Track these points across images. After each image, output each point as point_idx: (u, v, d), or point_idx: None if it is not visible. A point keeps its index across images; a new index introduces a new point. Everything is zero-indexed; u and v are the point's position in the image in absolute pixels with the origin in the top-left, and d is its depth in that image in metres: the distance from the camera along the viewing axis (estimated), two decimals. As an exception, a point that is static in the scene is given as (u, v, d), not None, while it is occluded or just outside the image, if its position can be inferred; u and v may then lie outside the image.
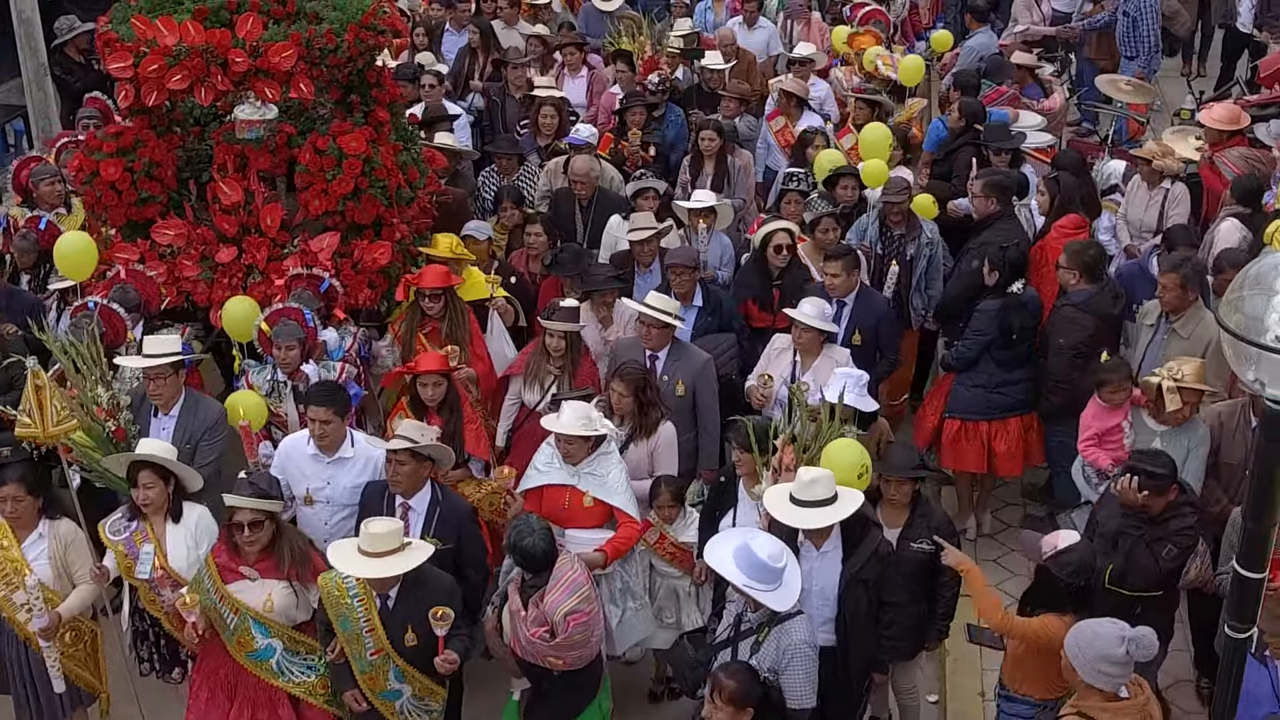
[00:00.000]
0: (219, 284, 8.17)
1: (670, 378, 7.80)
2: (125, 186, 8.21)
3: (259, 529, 6.19)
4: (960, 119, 10.80)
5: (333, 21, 8.15)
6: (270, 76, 7.93)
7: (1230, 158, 9.68)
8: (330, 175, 8.09)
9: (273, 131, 8.26)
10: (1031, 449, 8.63)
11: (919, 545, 6.54)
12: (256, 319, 7.76)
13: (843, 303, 8.31)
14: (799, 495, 6.08)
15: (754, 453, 6.66)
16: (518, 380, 8.08)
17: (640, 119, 10.82)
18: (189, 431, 7.20)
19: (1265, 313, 3.76)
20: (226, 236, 8.25)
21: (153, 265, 8.21)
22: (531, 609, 6.12)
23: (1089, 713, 5.27)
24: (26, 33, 13.37)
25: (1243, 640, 4.39)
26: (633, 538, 6.91)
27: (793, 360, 7.81)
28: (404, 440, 6.53)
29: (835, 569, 6.20)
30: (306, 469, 6.97)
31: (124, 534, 6.54)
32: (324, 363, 7.77)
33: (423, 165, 9.02)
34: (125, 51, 7.89)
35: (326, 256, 8.12)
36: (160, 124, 8.47)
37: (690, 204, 9.34)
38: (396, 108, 9.08)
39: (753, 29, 13.47)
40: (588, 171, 9.76)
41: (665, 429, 7.32)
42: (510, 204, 9.61)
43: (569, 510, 6.86)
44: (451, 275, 8.11)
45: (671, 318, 7.81)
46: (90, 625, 6.79)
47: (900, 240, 9.19)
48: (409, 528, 6.49)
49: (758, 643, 5.83)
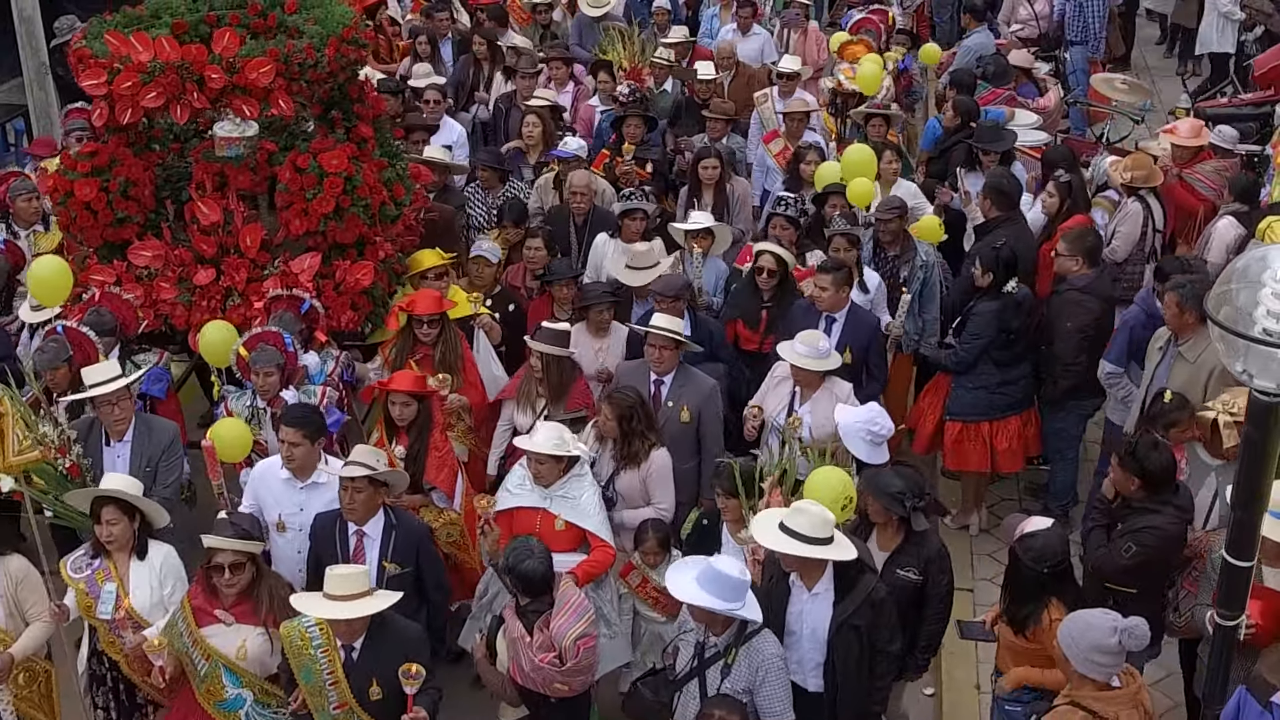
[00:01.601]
0: (197, 306, 7.93)
1: (675, 403, 7.56)
2: (101, 207, 7.96)
3: (240, 571, 5.97)
4: (955, 117, 10.80)
5: (312, 36, 7.92)
6: (248, 93, 7.70)
7: (1203, 172, 9.63)
8: (311, 194, 7.85)
9: (253, 149, 8.02)
10: (1030, 443, 8.68)
11: (905, 573, 6.29)
12: (234, 344, 7.54)
13: (832, 318, 8.09)
14: (790, 523, 5.80)
15: (740, 497, 6.43)
16: (510, 404, 7.88)
17: (636, 132, 10.51)
18: (146, 455, 6.99)
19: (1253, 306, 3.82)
20: (205, 258, 8.00)
21: (129, 288, 7.97)
22: (537, 634, 5.92)
23: (1082, 702, 5.30)
24: (27, 31, 13.27)
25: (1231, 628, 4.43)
26: (605, 562, 6.77)
27: (792, 390, 7.55)
28: (360, 467, 6.33)
29: (826, 612, 5.92)
30: (279, 494, 6.80)
31: (86, 571, 6.30)
32: (305, 388, 7.54)
33: (408, 181, 8.78)
34: (98, 68, 7.66)
35: (308, 278, 7.88)
36: (138, 142, 8.24)
37: (686, 225, 9.05)
38: (381, 122, 8.85)
39: (747, 36, 13.24)
40: (587, 184, 9.49)
41: (658, 456, 7.11)
42: (510, 222, 9.31)
43: (540, 533, 6.65)
44: (445, 301, 7.88)
45: (682, 336, 7.59)
46: (45, 665, 6.54)
47: (894, 261, 8.97)
48: (364, 554, 6.33)
49: (727, 665, 5.70)
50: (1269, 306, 3.83)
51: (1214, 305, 3.94)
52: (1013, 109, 11.31)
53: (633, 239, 9.02)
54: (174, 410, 8.02)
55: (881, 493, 6.28)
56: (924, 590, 6.31)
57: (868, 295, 8.58)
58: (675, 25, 13.40)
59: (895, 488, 6.29)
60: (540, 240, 8.94)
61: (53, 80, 13.24)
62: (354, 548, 6.43)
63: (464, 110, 12.13)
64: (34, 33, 13.26)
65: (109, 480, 6.44)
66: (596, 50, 12.55)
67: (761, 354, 8.32)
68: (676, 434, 7.43)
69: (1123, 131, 13.03)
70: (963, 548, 8.70)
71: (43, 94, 13.41)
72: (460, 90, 12.32)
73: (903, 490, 6.28)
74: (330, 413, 7.52)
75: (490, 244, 8.94)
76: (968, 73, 11.82)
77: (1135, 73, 15.48)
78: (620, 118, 10.67)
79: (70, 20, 12.67)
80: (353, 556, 6.38)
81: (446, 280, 8.41)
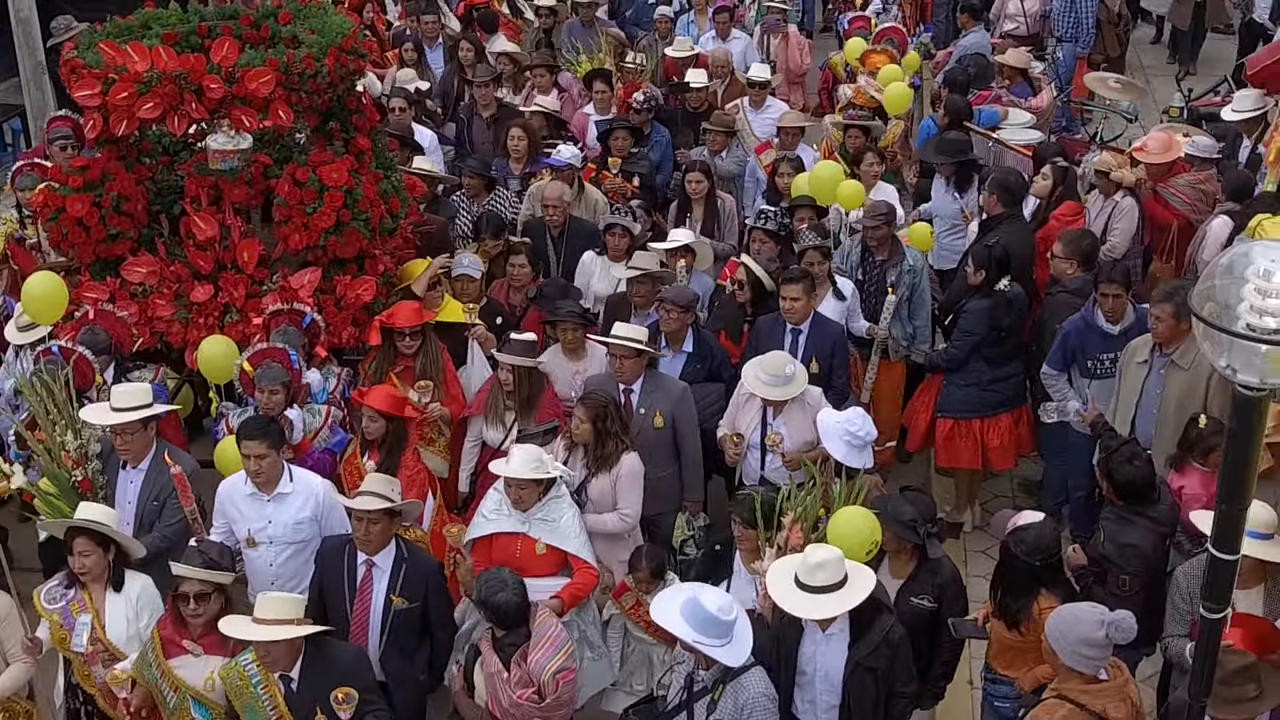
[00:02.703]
0: (194, 324, 7.75)
1: (647, 410, 7.42)
2: (93, 222, 7.77)
3: (205, 601, 5.80)
4: (945, 116, 10.87)
5: (311, 45, 7.75)
6: (248, 103, 7.52)
7: (1177, 186, 9.56)
8: (311, 208, 7.68)
9: (248, 162, 7.85)
10: (1022, 439, 8.70)
11: (919, 600, 6.17)
12: (237, 359, 7.35)
13: (798, 330, 7.96)
14: (806, 580, 5.58)
15: (759, 529, 6.26)
16: (478, 420, 7.72)
17: (624, 145, 10.33)
18: (157, 486, 6.78)
19: (1236, 301, 3.87)
20: (201, 274, 7.82)
21: (123, 305, 7.78)
22: (514, 669, 5.78)
23: (1069, 695, 5.32)
24: (24, 32, 13.20)
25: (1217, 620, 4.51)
26: (589, 584, 6.62)
27: (762, 406, 7.40)
28: (376, 499, 6.15)
29: (841, 653, 5.73)
30: (245, 510, 6.65)
31: (60, 602, 6.12)
32: (308, 406, 7.36)
33: (404, 194, 8.62)
34: (92, 78, 7.45)
35: (308, 293, 7.71)
36: (129, 155, 8.05)
37: (665, 245, 8.87)
38: (377, 134, 8.68)
39: (727, 41, 13.10)
40: (558, 197, 9.25)
41: (628, 460, 6.97)
42: (489, 235, 9.09)
43: (520, 559, 6.51)
44: (425, 311, 7.70)
45: (642, 344, 7.42)
46: (25, 705, 6.33)
47: (881, 266, 8.87)
48: (372, 585, 6.19)
49: (713, 702, 5.58)
50: (1252, 301, 3.86)
51: (1198, 301, 3.97)
52: (1006, 108, 11.34)
53: (618, 256, 8.86)
54: (174, 427, 7.77)
55: (894, 520, 6.14)
56: (938, 617, 6.20)
57: (844, 303, 8.47)
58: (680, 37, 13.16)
59: (908, 515, 6.17)
60: (524, 257, 8.77)
61: (49, 81, 13.14)
62: (362, 578, 6.25)
63: (451, 120, 11.95)
64: (31, 33, 13.21)
65: (83, 509, 6.22)
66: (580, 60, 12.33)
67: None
68: (652, 441, 7.28)
69: (1116, 130, 13.06)
70: (956, 545, 8.73)
71: (39, 94, 13.36)
72: (446, 99, 12.14)
73: (915, 518, 6.17)
74: (335, 432, 7.37)
75: (471, 258, 8.73)
76: (959, 72, 11.88)
77: (1130, 72, 15.47)
78: (607, 131, 10.50)
79: (66, 20, 12.54)
80: (359, 587, 6.22)
81: (440, 290, 8.24)
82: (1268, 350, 3.85)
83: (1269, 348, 3.85)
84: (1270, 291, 3.85)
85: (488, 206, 9.76)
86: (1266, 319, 3.85)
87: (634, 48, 12.50)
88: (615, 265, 8.86)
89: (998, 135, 10.98)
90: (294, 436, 7.14)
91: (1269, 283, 3.85)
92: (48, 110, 12.90)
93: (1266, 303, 3.85)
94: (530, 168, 10.20)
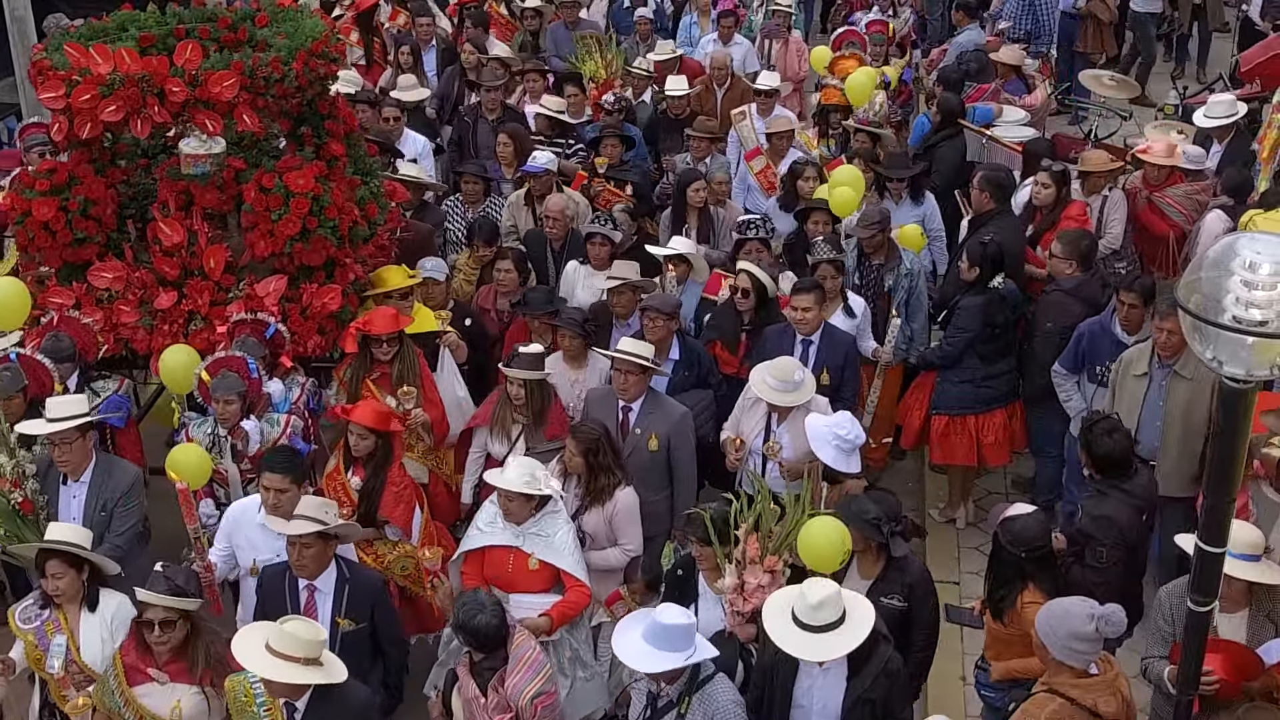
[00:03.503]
0: (159, 331, 7.62)
1: (643, 431, 7.26)
2: (60, 227, 7.65)
3: (170, 629, 5.64)
4: (938, 115, 10.87)
5: (280, 49, 7.61)
6: (211, 107, 7.38)
7: (1174, 197, 9.52)
8: (276, 215, 7.53)
9: (220, 166, 7.70)
10: (1016, 435, 8.69)
11: (890, 601, 6.07)
12: (196, 368, 7.22)
13: (809, 341, 7.82)
14: (807, 619, 5.41)
15: (714, 546, 6.10)
16: (483, 432, 7.55)
17: (614, 153, 10.15)
18: (103, 498, 6.66)
19: (1222, 293, 3.92)
20: (167, 280, 7.69)
21: (89, 311, 7.66)
22: (491, 694, 5.61)
23: (1060, 689, 5.32)
24: (19, 30, 13.25)
25: (1205, 613, 4.61)
26: (581, 603, 6.48)
27: (767, 412, 7.26)
28: (308, 522, 5.97)
29: (839, 686, 5.58)
30: (256, 539, 6.48)
31: (35, 622, 5.98)
32: (268, 416, 7.22)
33: (383, 200, 8.47)
34: (57, 80, 7.35)
35: (273, 301, 7.57)
36: (101, 158, 7.94)
37: (664, 250, 8.73)
38: (354, 138, 8.53)
39: (728, 45, 12.90)
40: (561, 210, 9.10)
41: (623, 496, 6.81)
42: (481, 241, 8.95)
43: (513, 573, 6.39)
44: (401, 318, 7.56)
45: (649, 361, 7.27)
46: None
47: (879, 270, 8.78)
48: (316, 610, 6.00)
49: (680, 715, 5.52)
50: (1238, 294, 3.91)
51: (1184, 294, 4.03)
52: (1000, 105, 11.37)
53: (601, 264, 8.68)
54: (134, 439, 7.72)
55: (857, 519, 6.06)
56: (909, 616, 6.13)
57: (854, 320, 8.32)
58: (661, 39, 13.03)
59: (870, 514, 6.12)
60: (511, 262, 8.62)
61: (46, 80, 13.17)
62: (305, 603, 6.08)
63: (448, 124, 11.80)
64: (26, 32, 13.25)
65: (54, 530, 6.09)
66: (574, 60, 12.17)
67: (741, 378, 8.01)
68: (645, 464, 7.13)
69: (1111, 128, 13.16)
70: (949, 541, 8.77)
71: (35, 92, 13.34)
72: (445, 103, 11.99)
73: (878, 516, 6.12)
74: (295, 443, 7.20)
75: (435, 261, 8.59)
76: (953, 69, 11.89)
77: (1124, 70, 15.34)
78: (597, 139, 10.31)
79: (59, 18, 12.43)
80: (304, 612, 6.03)
81: (411, 299, 8.09)
82: (1254, 342, 3.91)
83: (1255, 340, 3.90)
84: (1256, 283, 3.89)
85: (484, 212, 9.61)
86: (1252, 311, 3.89)
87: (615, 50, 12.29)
88: (597, 275, 8.68)
89: (991, 132, 10.97)
90: (250, 447, 7.01)
91: (1255, 274, 3.90)
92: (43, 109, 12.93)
93: (1252, 295, 3.89)
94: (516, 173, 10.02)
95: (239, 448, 6.98)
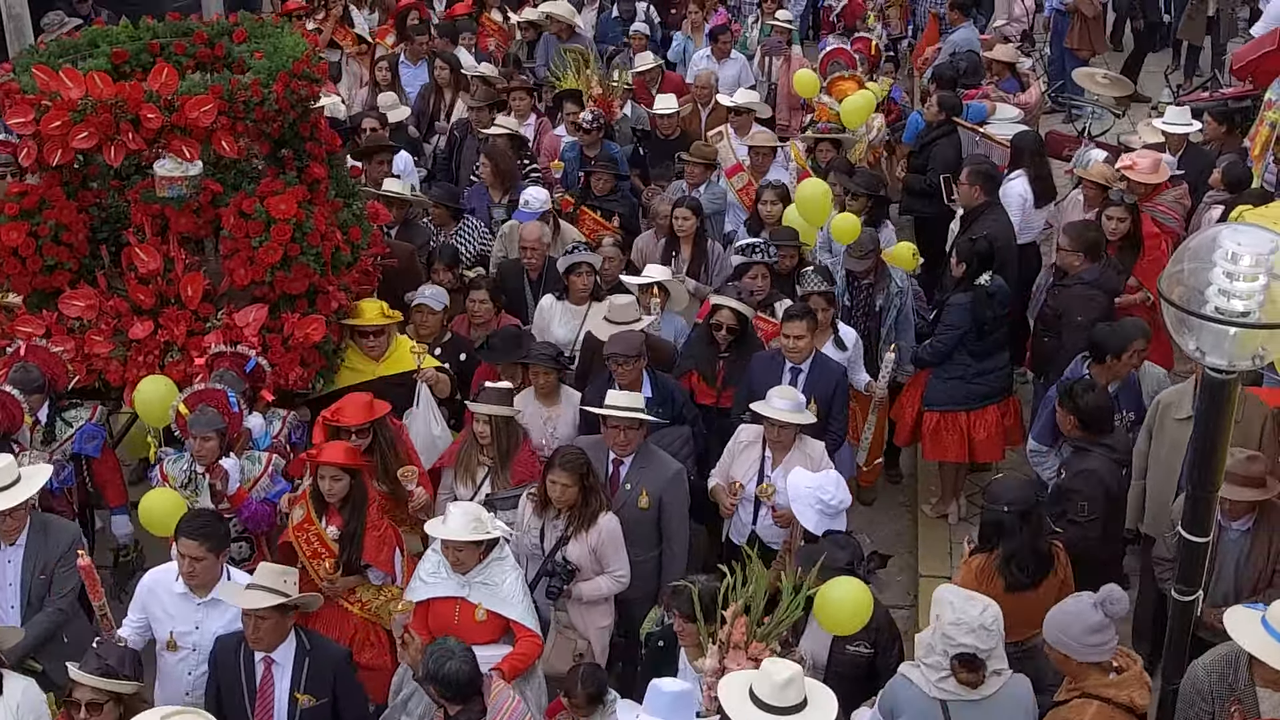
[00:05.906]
0: (133, 362, 7.32)
1: (634, 486, 6.87)
2: (29, 253, 7.37)
3: (98, 712, 5.25)
4: (940, 113, 10.85)
5: (259, 71, 7.33)
6: (188, 133, 7.09)
7: (1164, 203, 9.52)
8: (257, 241, 7.25)
9: (196, 189, 7.39)
10: (1009, 432, 8.69)
11: (855, 648, 5.93)
12: (174, 400, 6.93)
13: (798, 369, 7.61)
14: (770, 700, 5.00)
15: (699, 623, 5.72)
16: (449, 473, 7.21)
17: (605, 187, 9.85)
18: (40, 561, 6.25)
19: (1205, 284, 3.99)
20: (142, 309, 7.41)
21: (59, 340, 7.36)
22: None
23: (1093, 691, 5.28)
24: (16, 28, 13.09)
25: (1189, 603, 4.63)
26: (533, 654, 6.22)
27: (761, 455, 7.02)
28: (266, 594, 5.59)
29: None
30: (172, 609, 6.02)
31: None
32: (249, 454, 6.95)
33: (366, 223, 8.20)
34: (25, 105, 7.05)
35: (253, 332, 7.29)
36: (73, 181, 7.64)
37: (638, 280, 8.42)
38: (336, 160, 8.26)
39: (724, 62, 12.66)
40: (537, 239, 8.74)
41: (606, 522, 6.55)
42: (442, 266, 8.66)
43: (459, 625, 6.09)
44: (376, 404, 6.93)
45: (643, 413, 6.92)
46: None
47: (868, 290, 8.64)
48: (273, 684, 5.66)
49: None
50: (1220, 285, 3.96)
51: (1167, 285, 4.08)
52: (994, 103, 11.39)
53: (580, 298, 8.38)
54: (113, 467, 7.48)
55: (829, 570, 5.84)
56: (875, 663, 5.98)
57: (845, 353, 8.10)
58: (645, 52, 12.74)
59: (842, 561, 5.96)
60: (485, 293, 8.29)
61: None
62: (261, 677, 5.71)
63: (425, 141, 11.54)
64: (22, 30, 13.08)
65: None
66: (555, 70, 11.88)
67: (718, 409, 7.84)
68: (634, 521, 6.76)
69: (1105, 125, 13.12)
70: (941, 537, 8.77)
71: (31, 91, 13.20)
72: (421, 119, 11.74)
73: (850, 561, 5.99)
74: (276, 481, 6.95)
75: (434, 289, 8.28)
76: (948, 67, 11.91)
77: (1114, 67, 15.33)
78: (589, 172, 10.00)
79: (58, 15, 12.32)
80: (260, 687, 5.70)
81: (388, 334, 7.81)
82: (1236, 333, 3.97)
83: (1237, 330, 3.96)
84: (1238, 274, 3.95)
85: (452, 237, 9.33)
86: (1235, 302, 3.96)
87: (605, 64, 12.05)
88: (578, 309, 8.39)
89: (985, 130, 10.97)
90: (230, 487, 6.72)
91: (1236, 266, 3.94)
92: (11, 129, 12.76)
93: (1234, 286, 3.95)
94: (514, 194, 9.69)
95: (218, 487, 6.68)
